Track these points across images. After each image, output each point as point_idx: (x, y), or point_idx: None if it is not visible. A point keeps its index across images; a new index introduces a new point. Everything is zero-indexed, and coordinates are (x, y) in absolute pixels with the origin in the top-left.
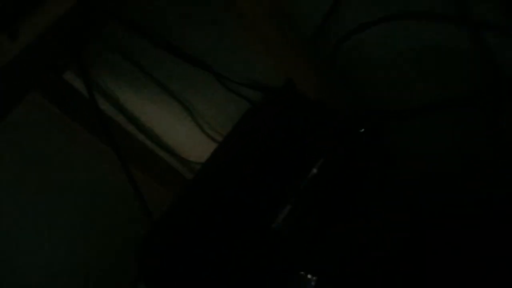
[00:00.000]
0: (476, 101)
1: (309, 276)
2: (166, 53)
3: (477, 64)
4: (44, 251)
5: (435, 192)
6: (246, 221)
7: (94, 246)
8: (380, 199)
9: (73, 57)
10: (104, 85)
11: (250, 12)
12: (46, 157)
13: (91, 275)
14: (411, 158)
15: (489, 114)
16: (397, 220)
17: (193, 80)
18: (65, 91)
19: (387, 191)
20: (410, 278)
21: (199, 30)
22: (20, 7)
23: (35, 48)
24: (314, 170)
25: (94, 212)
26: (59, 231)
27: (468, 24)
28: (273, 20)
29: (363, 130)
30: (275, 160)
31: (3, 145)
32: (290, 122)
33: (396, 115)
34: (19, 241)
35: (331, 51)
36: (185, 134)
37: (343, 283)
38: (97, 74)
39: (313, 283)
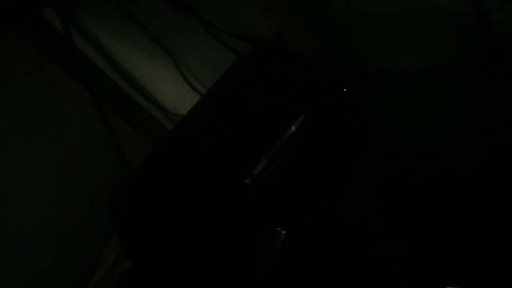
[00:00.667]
0: (466, 68)
1: (279, 229)
2: None
3: (473, 30)
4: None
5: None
6: (219, 175)
7: (71, 194)
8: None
9: None
10: (88, 29)
11: None
12: (23, 99)
13: (67, 224)
14: (392, 125)
15: (477, 83)
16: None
17: (181, 29)
18: (44, 29)
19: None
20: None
21: None
22: None
23: None
24: (293, 128)
25: (71, 158)
26: (35, 176)
27: None
28: None
29: (345, 90)
30: (256, 115)
31: None
32: (274, 77)
33: (382, 80)
34: None
35: (324, 4)
36: (169, 85)
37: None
38: (82, 18)
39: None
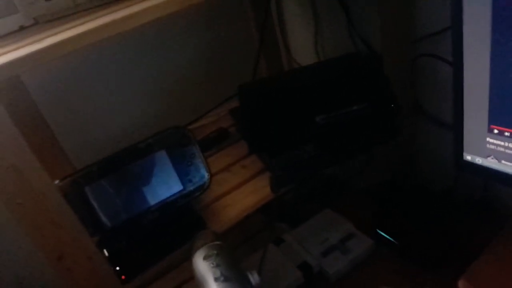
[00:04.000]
0: None
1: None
2: None
3: None
4: None
5: None
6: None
7: None
8: None
9: None
10: None
11: None
12: None
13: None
14: None
15: None
16: None
17: (332, 16)
18: None
19: None
20: None
21: None
22: None
23: None
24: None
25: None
26: None
27: None
28: None
29: (392, 105)
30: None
31: None
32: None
33: None
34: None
35: None
36: (305, 41)
37: None
38: None
39: None
